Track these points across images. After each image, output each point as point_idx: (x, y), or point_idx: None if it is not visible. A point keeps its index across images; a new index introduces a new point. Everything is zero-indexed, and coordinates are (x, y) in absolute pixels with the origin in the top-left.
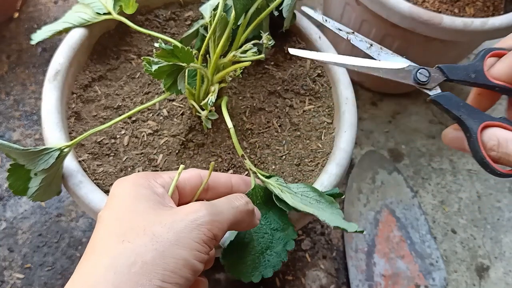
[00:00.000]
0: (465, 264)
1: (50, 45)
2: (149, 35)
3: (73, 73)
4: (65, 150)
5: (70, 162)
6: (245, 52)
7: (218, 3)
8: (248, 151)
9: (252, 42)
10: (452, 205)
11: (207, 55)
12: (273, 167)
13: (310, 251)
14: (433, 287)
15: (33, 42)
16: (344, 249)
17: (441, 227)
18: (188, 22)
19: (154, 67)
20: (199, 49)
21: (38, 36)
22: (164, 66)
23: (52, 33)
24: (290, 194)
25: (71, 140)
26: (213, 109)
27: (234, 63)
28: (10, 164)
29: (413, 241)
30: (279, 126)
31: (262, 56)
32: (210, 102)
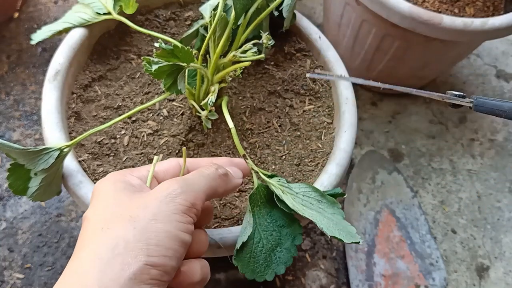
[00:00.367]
0: (465, 264)
1: (50, 45)
2: (149, 35)
3: (73, 73)
4: (65, 150)
5: (70, 162)
6: (245, 52)
7: (218, 3)
8: (248, 151)
9: (252, 42)
10: (452, 205)
11: (207, 55)
12: (273, 167)
13: (310, 251)
14: (433, 287)
15: (33, 42)
16: (344, 249)
17: (441, 227)
18: (188, 22)
19: (154, 67)
20: (199, 49)
21: (38, 36)
22: (164, 66)
23: (52, 33)
24: (291, 195)
25: (71, 140)
26: (213, 109)
27: (234, 63)
28: (10, 164)
29: (413, 241)
30: (279, 126)
31: (262, 56)
32: (210, 102)
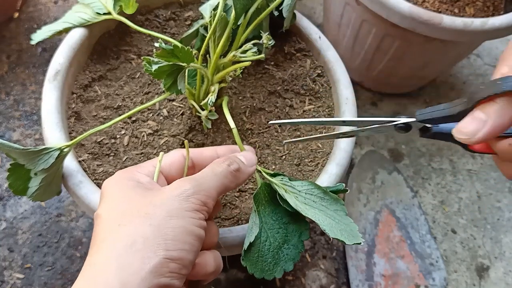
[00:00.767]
0: (465, 264)
1: (50, 45)
2: (149, 35)
3: (73, 73)
4: (65, 150)
5: (70, 162)
6: (245, 52)
7: (218, 3)
8: None
9: (252, 42)
10: (452, 205)
11: (207, 55)
12: (273, 167)
13: (310, 251)
14: (433, 287)
15: (33, 42)
16: (344, 249)
17: (441, 227)
18: (188, 22)
19: (154, 67)
20: (199, 49)
21: (38, 36)
22: (164, 66)
23: (52, 33)
24: (293, 193)
25: (71, 140)
26: (213, 109)
27: (234, 63)
28: (10, 164)
29: (413, 241)
30: (279, 126)
31: (262, 56)
32: (210, 102)
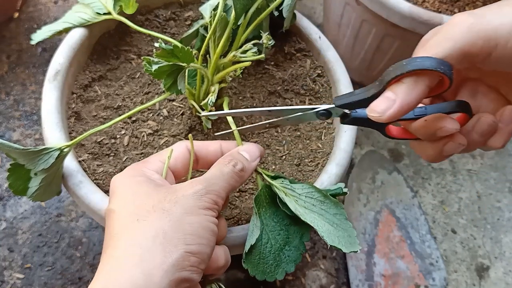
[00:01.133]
0: (465, 264)
1: (50, 45)
2: (149, 35)
3: (73, 73)
4: (65, 150)
5: (70, 162)
6: (245, 52)
7: (218, 3)
8: None
9: (252, 42)
10: (452, 205)
11: (207, 55)
12: (273, 167)
13: (310, 251)
14: (433, 287)
15: (33, 42)
16: None
17: (441, 227)
18: (188, 22)
19: (154, 67)
20: (199, 49)
21: (38, 36)
22: (164, 66)
23: (52, 33)
24: (293, 197)
25: (71, 140)
26: (213, 109)
27: (234, 63)
28: (10, 164)
29: (413, 241)
30: (279, 126)
31: (262, 56)
32: (210, 102)
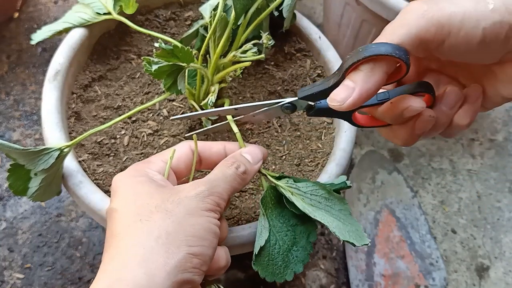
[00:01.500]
0: (465, 264)
1: (50, 45)
2: (149, 35)
3: (73, 73)
4: (65, 150)
5: (70, 162)
6: (245, 52)
7: (218, 3)
8: None
9: (252, 42)
10: (452, 205)
11: (207, 55)
12: (273, 167)
13: None
14: (433, 287)
15: (33, 42)
16: (344, 249)
17: (441, 227)
18: (188, 22)
19: (154, 67)
20: (199, 49)
21: (38, 36)
22: (164, 66)
23: (52, 33)
24: (300, 196)
25: (71, 140)
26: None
27: (234, 63)
28: (10, 164)
29: (413, 241)
30: (279, 126)
31: (262, 56)
32: (210, 102)
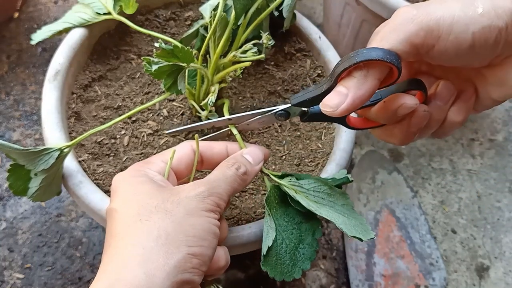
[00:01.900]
0: (465, 264)
1: (50, 45)
2: (149, 35)
3: (73, 73)
4: (65, 150)
5: (70, 162)
6: (245, 52)
7: (218, 3)
8: None
9: (252, 42)
10: (452, 205)
11: (207, 55)
12: (273, 167)
13: None
14: (433, 287)
15: (33, 42)
16: (344, 249)
17: (441, 227)
18: (188, 22)
19: (154, 67)
20: (199, 49)
21: (38, 36)
22: (164, 66)
23: (52, 33)
24: (303, 193)
25: (71, 140)
26: (213, 109)
27: (234, 63)
28: (10, 164)
29: (413, 241)
30: (279, 126)
31: (262, 56)
32: (210, 102)
